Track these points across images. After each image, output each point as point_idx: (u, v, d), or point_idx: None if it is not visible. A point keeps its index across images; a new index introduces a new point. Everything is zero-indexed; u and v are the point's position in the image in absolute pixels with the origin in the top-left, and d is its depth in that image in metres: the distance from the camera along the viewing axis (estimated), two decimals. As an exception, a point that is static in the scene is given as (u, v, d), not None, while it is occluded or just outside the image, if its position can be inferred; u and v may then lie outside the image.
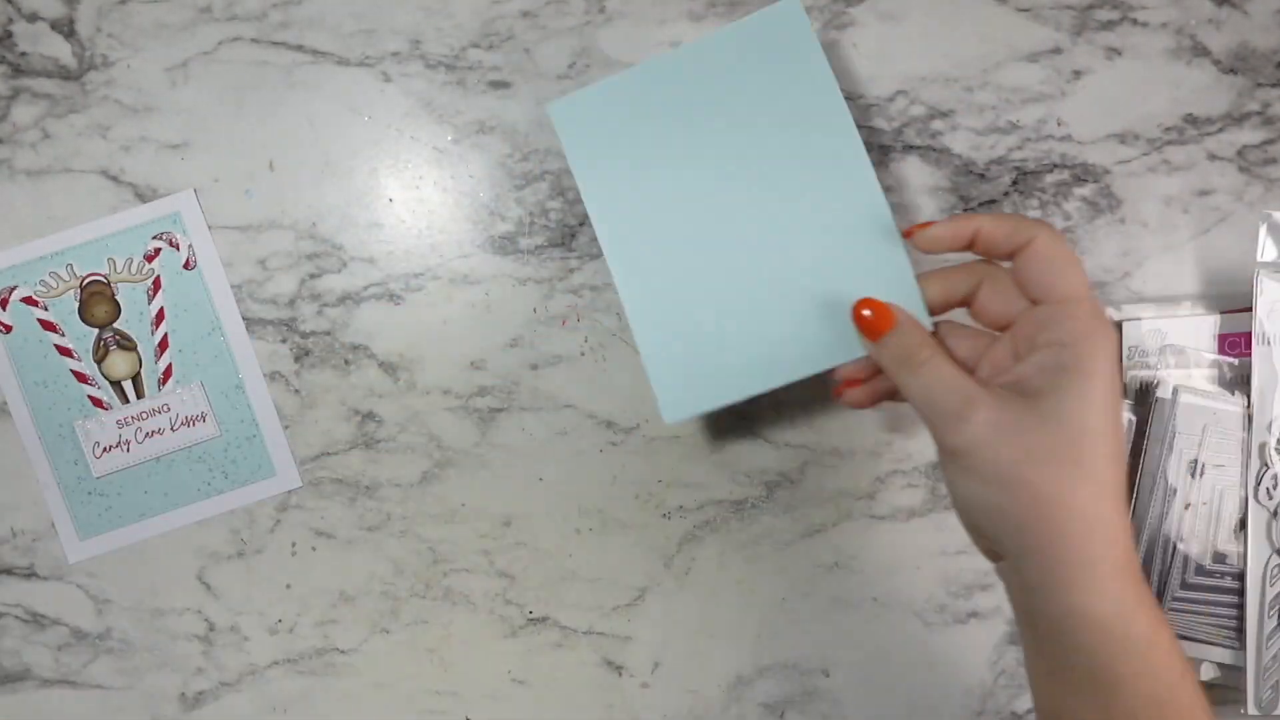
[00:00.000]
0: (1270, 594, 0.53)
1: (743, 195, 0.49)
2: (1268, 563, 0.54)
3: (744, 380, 0.48)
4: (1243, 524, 0.54)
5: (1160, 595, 0.55)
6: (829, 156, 0.48)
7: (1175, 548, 0.54)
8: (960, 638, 0.59)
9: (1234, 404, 0.55)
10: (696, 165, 0.49)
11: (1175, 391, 0.54)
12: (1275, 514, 0.53)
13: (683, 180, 0.49)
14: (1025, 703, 0.59)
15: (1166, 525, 0.54)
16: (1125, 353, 0.57)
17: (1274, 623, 0.53)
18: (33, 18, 0.57)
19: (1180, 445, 0.54)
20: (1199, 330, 0.56)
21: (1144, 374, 0.56)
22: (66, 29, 0.57)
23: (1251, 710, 0.54)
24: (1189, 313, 0.57)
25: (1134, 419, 0.56)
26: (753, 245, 0.49)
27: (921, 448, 0.59)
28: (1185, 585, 0.54)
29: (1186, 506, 0.54)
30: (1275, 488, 0.53)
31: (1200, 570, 0.55)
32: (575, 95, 0.49)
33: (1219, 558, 0.54)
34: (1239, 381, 0.56)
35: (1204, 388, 0.55)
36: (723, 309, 0.48)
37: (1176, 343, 0.56)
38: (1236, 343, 0.56)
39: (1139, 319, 0.57)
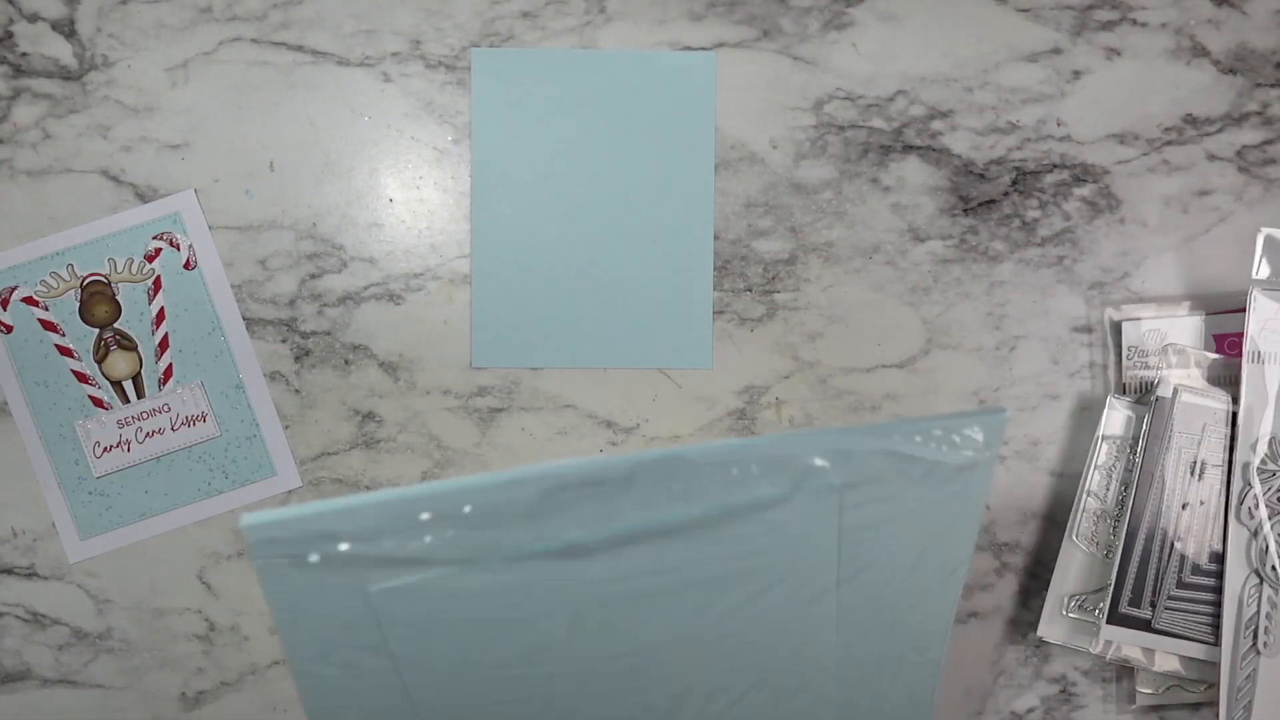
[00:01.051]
0: (1247, 614, 0.53)
1: (603, 195, 0.57)
2: (1245, 582, 0.53)
3: (550, 354, 0.57)
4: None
5: (1155, 594, 0.55)
6: (684, 194, 0.57)
7: (1172, 547, 0.54)
8: (960, 637, 0.59)
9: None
10: (576, 155, 0.56)
11: (1176, 391, 0.54)
12: (1255, 534, 0.53)
13: (560, 162, 0.57)
14: (1025, 702, 0.59)
15: (1163, 524, 0.54)
16: (1125, 352, 0.57)
17: (1249, 643, 0.53)
18: (33, 18, 0.57)
19: (1179, 444, 0.54)
20: (1198, 330, 0.56)
21: (1143, 374, 0.56)
22: (67, 29, 0.57)
23: None
24: (1188, 313, 0.57)
25: (1132, 415, 0.56)
26: (596, 242, 0.56)
27: (921, 448, 0.59)
28: (1181, 584, 0.54)
29: (1184, 506, 0.54)
30: (1256, 507, 0.53)
31: (1196, 569, 0.55)
32: (502, 50, 0.54)
33: (1215, 557, 0.54)
34: (1238, 382, 0.55)
35: (1205, 387, 0.55)
36: (556, 286, 0.57)
37: (1177, 342, 0.56)
38: (1236, 343, 0.56)
39: (1138, 319, 0.57)
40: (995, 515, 0.59)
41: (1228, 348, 0.56)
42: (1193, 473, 0.54)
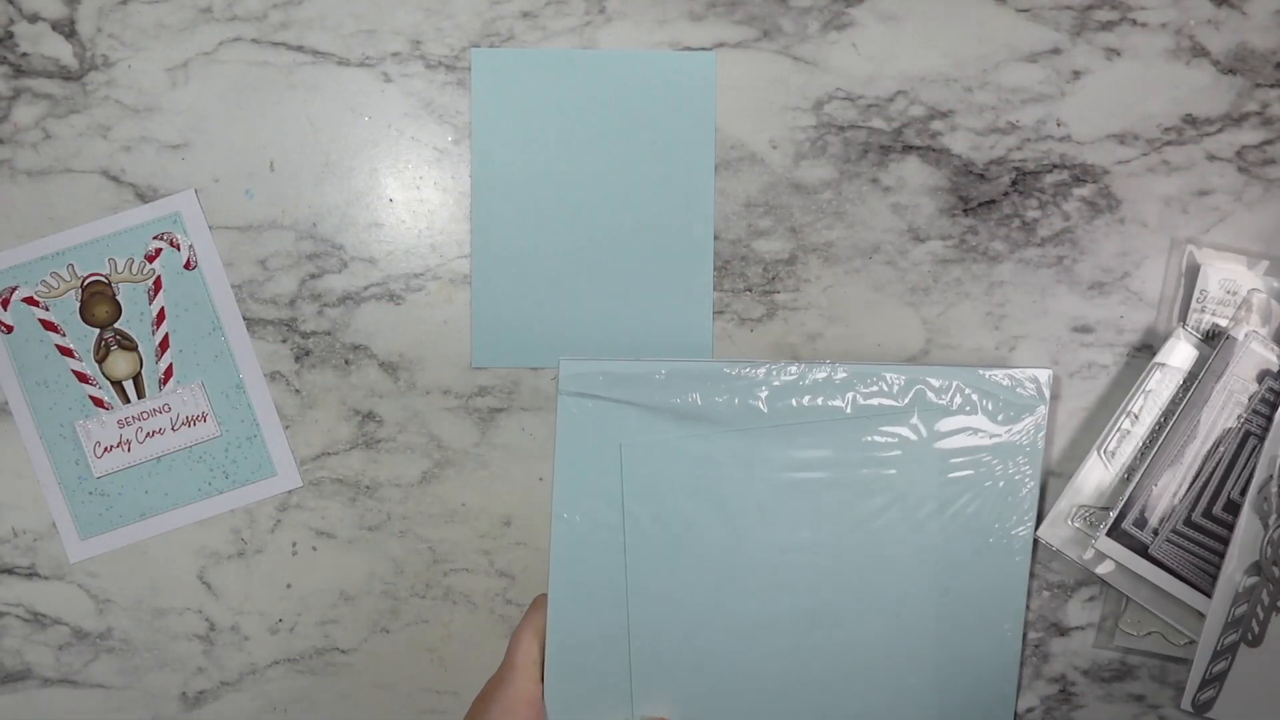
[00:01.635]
0: (1239, 602, 0.53)
1: (603, 195, 0.57)
2: (1245, 572, 0.53)
3: (551, 354, 0.57)
4: (1236, 505, 0.54)
5: (1161, 522, 0.54)
6: (684, 194, 0.57)
7: (1192, 483, 0.54)
8: (960, 637, 0.59)
9: None
10: (576, 154, 0.57)
11: (1247, 336, 0.54)
12: (1265, 522, 0.53)
13: (560, 162, 0.57)
14: (1025, 702, 0.59)
15: (1192, 459, 0.54)
16: (1196, 295, 0.56)
17: (1235, 628, 0.53)
18: (34, 18, 0.57)
19: (1231, 386, 0.54)
20: (1272, 290, 0.56)
21: (1207, 318, 0.56)
22: (67, 29, 0.57)
23: (1185, 707, 0.54)
24: (1266, 272, 0.57)
25: (1195, 351, 0.55)
26: (596, 242, 0.57)
27: (921, 448, 0.59)
28: (1189, 523, 0.54)
29: (1216, 445, 0.54)
30: (1273, 500, 0.53)
31: (1208, 514, 0.54)
32: (501, 50, 0.54)
33: (1230, 508, 0.54)
34: None
35: (1272, 339, 0.55)
36: (556, 286, 0.57)
37: (1259, 289, 0.56)
38: None
39: (1216, 264, 0.57)
40: (995, 515, 0.59)
41: None
42: (1236, 419, 0.54)
